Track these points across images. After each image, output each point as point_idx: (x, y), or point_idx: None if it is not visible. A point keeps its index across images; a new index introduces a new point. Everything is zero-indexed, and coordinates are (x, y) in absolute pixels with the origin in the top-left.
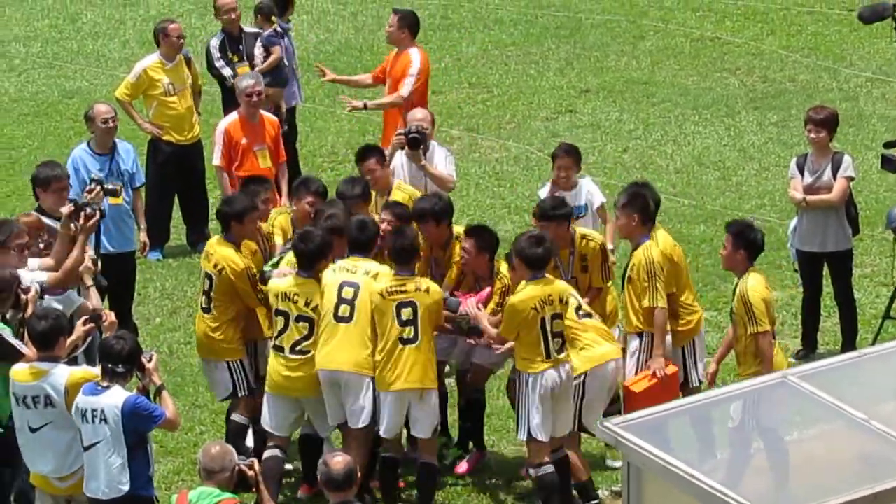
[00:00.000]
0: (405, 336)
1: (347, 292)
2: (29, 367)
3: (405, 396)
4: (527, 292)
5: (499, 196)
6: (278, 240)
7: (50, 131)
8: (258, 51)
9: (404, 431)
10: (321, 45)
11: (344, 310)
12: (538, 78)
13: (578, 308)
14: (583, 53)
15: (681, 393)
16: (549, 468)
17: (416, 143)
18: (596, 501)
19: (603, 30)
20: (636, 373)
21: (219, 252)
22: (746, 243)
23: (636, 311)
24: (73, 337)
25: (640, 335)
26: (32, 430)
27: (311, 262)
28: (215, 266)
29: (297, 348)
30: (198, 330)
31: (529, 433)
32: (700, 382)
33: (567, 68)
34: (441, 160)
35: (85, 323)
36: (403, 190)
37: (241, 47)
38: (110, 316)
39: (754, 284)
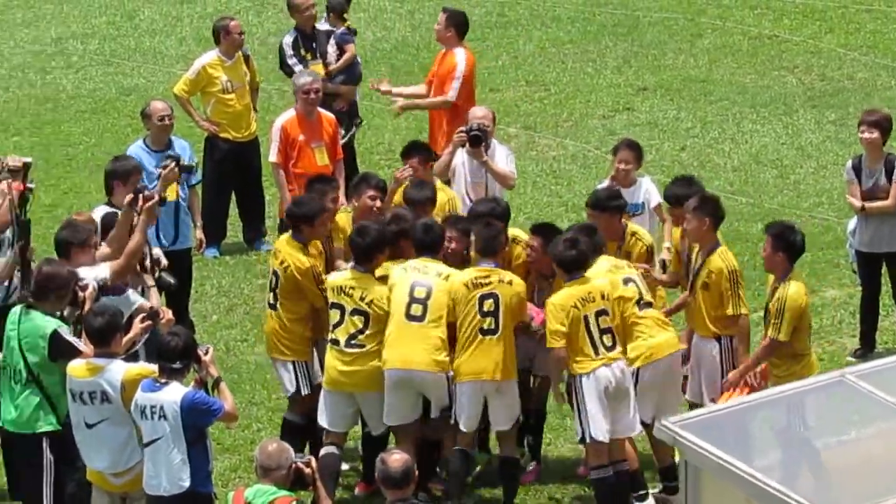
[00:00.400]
0: (486, 327)
1: (420, 292)
2: (85, 363)
3: (483, 387)
4: (565, 292)
5: (556, 194)
6: (337, 243)
7: (107, 128)
8: (331, 48)
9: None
10: (378, 43)
11: (416, 309)
12: (595, 76)
13: (640, 300)
14: (640, 51)
15: None
16: (608, 471)
17: (478, 141)
18: (643, 492)
19: (660, 27)
20: (722, 377)
21: (286, 250)
22: (786, 245)
23: (713, 319)
24: (130, 334)
25: (717, 339)
26: (88, 426)
27: (367, 256)
28: (281, 263)
29: (353, 342)
30: (266, 328)
31: (590, 435)
32: None
33: (624, 66)
34: (502, 158)
35: (143, 320)
36: (444, 191)
37: (314, 45)
38: (167, 313)
39: (794, 293)
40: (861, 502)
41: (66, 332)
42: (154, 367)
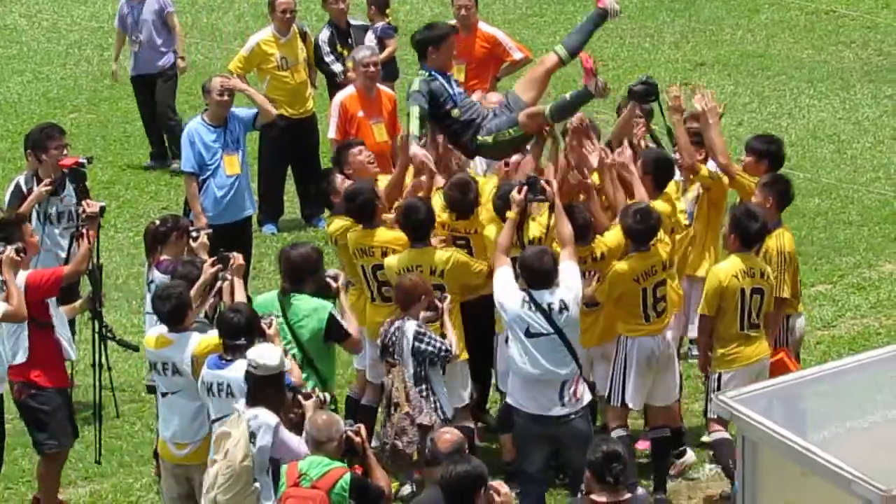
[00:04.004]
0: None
1: None
2: (158, 335)
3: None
4: (629, 264)
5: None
6: None
7: None
8: (370, 44)
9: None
10: (437, 19)
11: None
12: (653, 51)
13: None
14: (698, 27)
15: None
16: (622, 432)
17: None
18: (682, 448)
19: (718, 3)
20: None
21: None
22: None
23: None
24: (201, 280)
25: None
26: (163, 395)
27: (426, 231)
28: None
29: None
30: None
31: (620, 399)
32: None
33: (682, 42)
34: None
35: (213, 264)
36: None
37: (349, 41)
38: (238, 259)
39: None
40: None
41: (338, 314)
42: None
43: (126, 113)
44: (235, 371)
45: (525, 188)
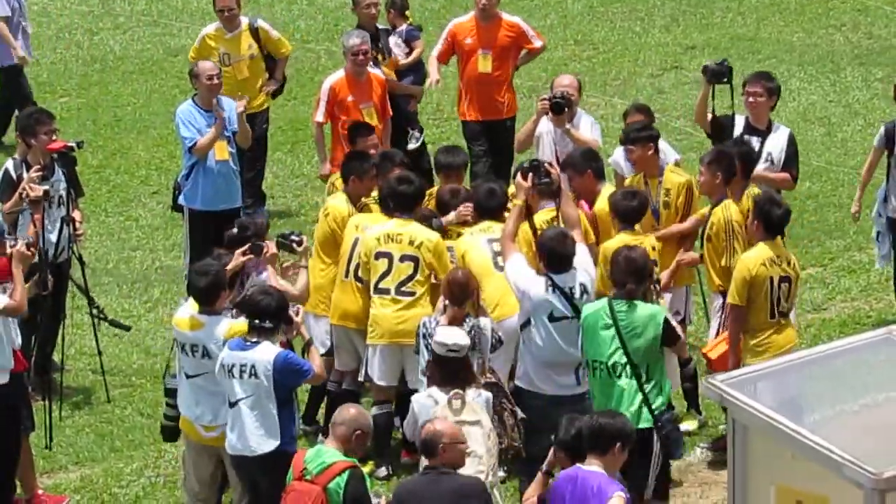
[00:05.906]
0: None
1: (497, 246)
2: (189, 317)
3: None
4: (617, 241)
5: (605, 153)
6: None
7: (154, 89)
8: (397, 48)
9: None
10: (427, 3)
11: (502, 261)
12: (644, 34)
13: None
14: (688, 10)
15: None
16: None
17: (560, 108)
18: None
19: None
20: (718, 332)
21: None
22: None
23: (717, 270)
24: (230, 265)
25: (723, 293)
26: (188, 377)
27: (411, 203)
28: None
29: (403, 289)
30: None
31: None
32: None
33: (672, 25)
34: (587, 127)
35: (244, 253)
36: None
37: (379, 45)
38: (271, 247)
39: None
40: None
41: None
42: None
43: (116, 97)
44: (261, 353)
45: (530, 173)
